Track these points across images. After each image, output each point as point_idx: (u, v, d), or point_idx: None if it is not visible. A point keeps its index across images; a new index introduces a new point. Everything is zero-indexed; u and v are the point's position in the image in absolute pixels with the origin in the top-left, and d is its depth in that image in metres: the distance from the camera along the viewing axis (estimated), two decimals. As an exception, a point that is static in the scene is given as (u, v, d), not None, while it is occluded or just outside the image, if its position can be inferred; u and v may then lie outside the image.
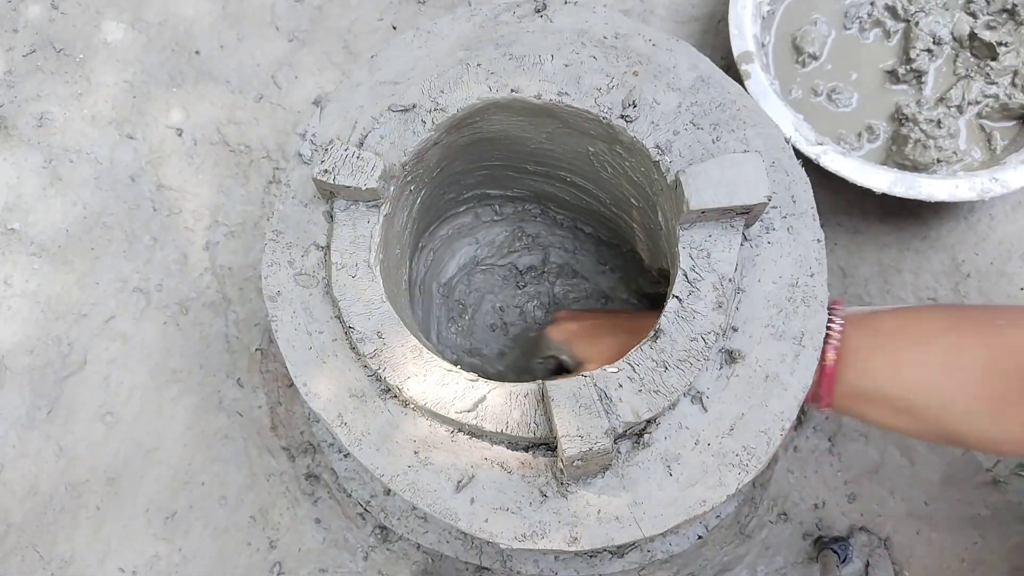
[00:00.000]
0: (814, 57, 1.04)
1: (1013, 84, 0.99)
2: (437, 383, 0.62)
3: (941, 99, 1.00)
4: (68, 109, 1.12)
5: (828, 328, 0.65)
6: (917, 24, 1.02)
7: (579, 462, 0.57)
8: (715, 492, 0.60)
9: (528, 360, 0.91)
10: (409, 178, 0.72)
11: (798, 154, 0.90)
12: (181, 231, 1.07)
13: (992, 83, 0.99)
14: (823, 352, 0.65)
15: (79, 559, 0.96)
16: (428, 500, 0.61)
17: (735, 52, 0.97)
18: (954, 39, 1.02)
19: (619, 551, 0.82)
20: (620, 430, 0.60)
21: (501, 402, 0.61)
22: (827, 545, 0.90)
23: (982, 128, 1.00)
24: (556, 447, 0.59)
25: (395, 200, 0.71)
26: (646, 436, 0.61)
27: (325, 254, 0.68)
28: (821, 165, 0.92)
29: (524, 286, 0.98)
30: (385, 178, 0.66)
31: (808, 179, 0.67)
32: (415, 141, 0.69)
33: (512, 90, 0.70)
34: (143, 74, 1.13)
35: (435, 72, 0.71)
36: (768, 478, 0.95)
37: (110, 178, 1.09)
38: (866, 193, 0.92)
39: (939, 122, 0.98)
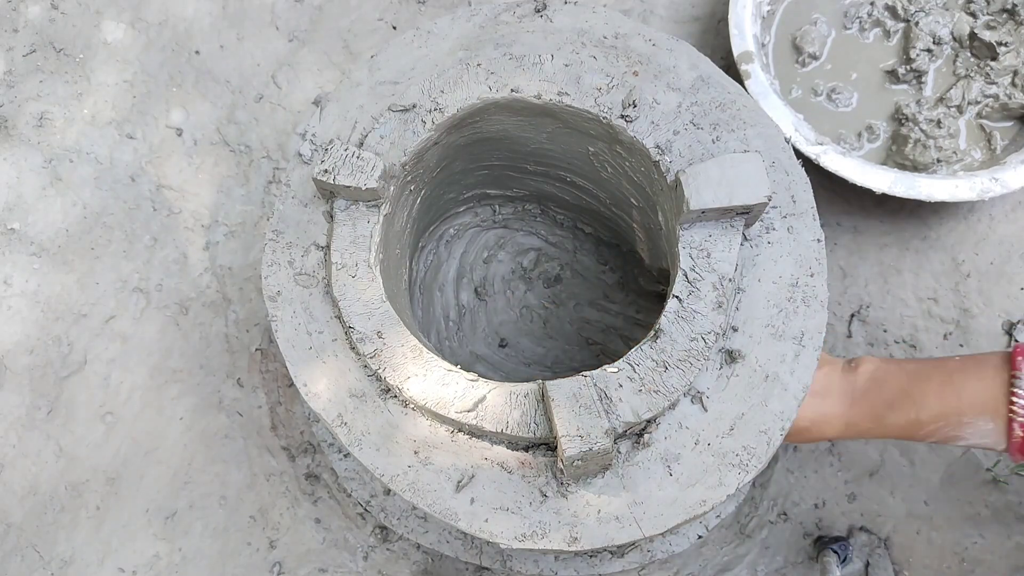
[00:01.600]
0: (814, 57, 1.04)
1: (1013, 84, 0.99)
2: (437, 383, 0.62)
3: (941, 99, 1.00)
4: (68, 109, 1.12)
5: (1014, 399, 0.64)
6: (917, 24, 1.02)
7: (579, 462, 0.57)
8: (715, 492, 0.60)
9: None
10: (409, 178, 0.72)
11: (798, 154, 0.90)
12: (181, 231, 1.07)
13: (992, 83, 0.99)
14: (1010, 428, 0.65)
15: (79, 559, 0.96)
16: (428, 500, 0.61)
17: (735, 52, 0.97)
18: (954, 39, 1.02)
19: (619, 551, 0.82)
20: (620, 430, 0.60)
21: (501, 402, 0.61)
22: (827, 545, 0.90)
23: (982, 128, 1.00)
24: (556, 447, 0.59)
25: (395, 200, 0.71)
26: (646, 436, 0.61)
27: (325, 254, 0.68)
28: (821, 165, 0.92)
29: (524, 285, 0.98)
30: (385, 178, 0.66)
31: (808, 179, 0.67)
32: (415, 141, 0.69)
33: (512, 90, 0.70)
34: (143, 74, 1.13)
35: (435, 72, 0.71)
36: (768, 478, 0.95)
37: (110, 178, 1.09)
38: (866, 193, 0.93)
39: (939, 122, 0.98)
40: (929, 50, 1.02)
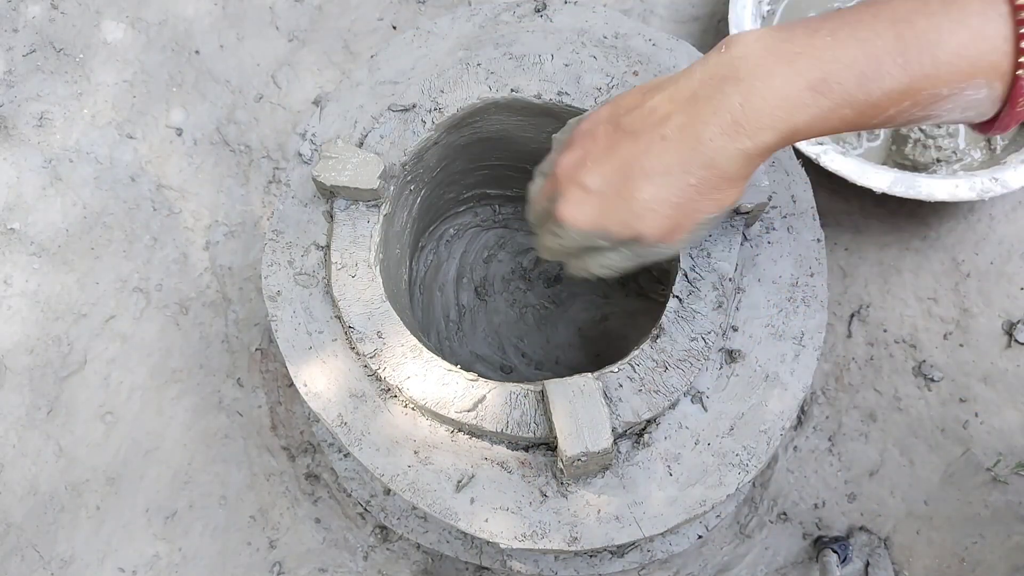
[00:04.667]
0: (814, 57, 1.03)
1: (1013, 84, 0.99)
2: (437, 383, 0.62)
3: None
4: (68, 109, 1.12)
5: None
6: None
7: (579, 462, 0.57)
8: (715, 492, 0.60)
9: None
10: (409, 178, 0.72)
11: (798, 154, 0.90)
12: (181, 231, 1.07)
13: (992, 83, 0.99)
14: (1015, 92, 0.45)
15: (79, 559, 0.96)
16: (428, 500, 0.61)
17: (735, 52, 0.97)
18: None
19: (619, 551, 0.82)
20: (620, 430, 0.60)
21: (501, 402, 0.61)
22: (827, 545, 0.90)
23: (982, 128, 1.00)
24: (556, 447, 0.59)
25: (395, 200, 0.71)
26: (646, 436, 0.61)
27: (325, 254, 0.68)
28: (821, 165, 0.92)
29: (525, 285, 0.98)
30: (385, 178, 0.66)
31: (808, 179, 0.67)
32: (415, 141, 0.69)
33: (512, 90, 0.70)
34: (143, 74, 1.13)
35: (435, 72, 0.71)
36: (768, 478, 0.95)
37: (110, 178, 1.09)
38: (866, 193, 0.92)
39: (939, 122, 0.98)
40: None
